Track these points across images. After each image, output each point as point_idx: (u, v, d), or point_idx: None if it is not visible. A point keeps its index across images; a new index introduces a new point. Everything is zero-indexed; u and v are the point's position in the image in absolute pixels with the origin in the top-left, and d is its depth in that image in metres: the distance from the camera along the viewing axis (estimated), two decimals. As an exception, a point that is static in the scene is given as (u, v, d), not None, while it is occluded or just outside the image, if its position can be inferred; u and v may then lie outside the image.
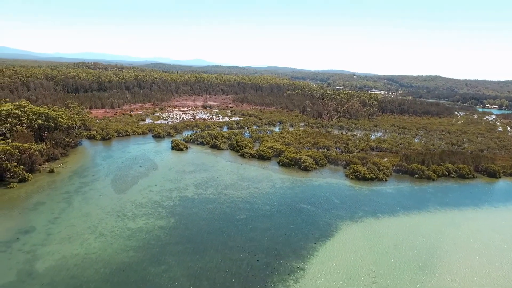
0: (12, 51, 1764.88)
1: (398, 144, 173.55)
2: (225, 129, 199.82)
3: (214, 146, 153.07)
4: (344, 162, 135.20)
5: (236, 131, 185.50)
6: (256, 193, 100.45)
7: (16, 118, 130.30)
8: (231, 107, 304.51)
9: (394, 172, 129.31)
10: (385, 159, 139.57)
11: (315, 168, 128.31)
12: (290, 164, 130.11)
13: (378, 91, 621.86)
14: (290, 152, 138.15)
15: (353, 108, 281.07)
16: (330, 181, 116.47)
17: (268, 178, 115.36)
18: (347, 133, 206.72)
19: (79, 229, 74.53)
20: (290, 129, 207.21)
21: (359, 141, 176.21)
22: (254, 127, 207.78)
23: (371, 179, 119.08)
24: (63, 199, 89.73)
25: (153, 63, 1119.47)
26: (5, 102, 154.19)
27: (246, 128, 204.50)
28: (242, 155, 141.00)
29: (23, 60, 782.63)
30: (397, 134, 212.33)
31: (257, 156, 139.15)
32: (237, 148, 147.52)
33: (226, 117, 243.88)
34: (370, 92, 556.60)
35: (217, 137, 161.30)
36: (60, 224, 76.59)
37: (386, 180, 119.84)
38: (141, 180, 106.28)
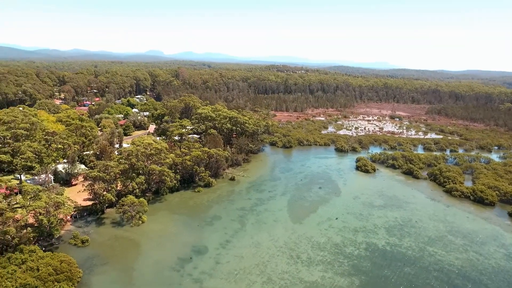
0: (220, 56, 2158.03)
1: None
2: (419, 149, 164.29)
3: (409, 173, 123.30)
4: None
5: (436, 154, 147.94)
6: (481, 264, 68.65)
7: (211, 121, 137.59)
8: (425, 119, 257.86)
9: None
10: None
11: None
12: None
13: None
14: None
15: None
16: None
17: (495, 238, 79.94)
18: None
19: (247, 264, 64.45)
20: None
21: None
22: (460, 151, 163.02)
23: None
24: (237, 217, 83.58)
25: (335, 66, 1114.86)
26: (206, 104, 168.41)
27: (448, 151, 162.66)
28: (448, 192, 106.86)
29: (228, 63, 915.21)
30: None
31: (471, 197, 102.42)
32: (440, 180, 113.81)
33: (420, 133, 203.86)
34: None
35: (412, 160, 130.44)
36: (230, 250, 68.86)
37: None
38: (320, 208, 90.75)
